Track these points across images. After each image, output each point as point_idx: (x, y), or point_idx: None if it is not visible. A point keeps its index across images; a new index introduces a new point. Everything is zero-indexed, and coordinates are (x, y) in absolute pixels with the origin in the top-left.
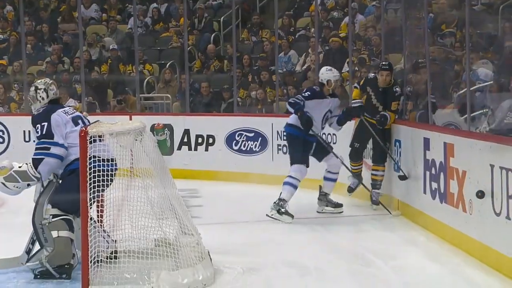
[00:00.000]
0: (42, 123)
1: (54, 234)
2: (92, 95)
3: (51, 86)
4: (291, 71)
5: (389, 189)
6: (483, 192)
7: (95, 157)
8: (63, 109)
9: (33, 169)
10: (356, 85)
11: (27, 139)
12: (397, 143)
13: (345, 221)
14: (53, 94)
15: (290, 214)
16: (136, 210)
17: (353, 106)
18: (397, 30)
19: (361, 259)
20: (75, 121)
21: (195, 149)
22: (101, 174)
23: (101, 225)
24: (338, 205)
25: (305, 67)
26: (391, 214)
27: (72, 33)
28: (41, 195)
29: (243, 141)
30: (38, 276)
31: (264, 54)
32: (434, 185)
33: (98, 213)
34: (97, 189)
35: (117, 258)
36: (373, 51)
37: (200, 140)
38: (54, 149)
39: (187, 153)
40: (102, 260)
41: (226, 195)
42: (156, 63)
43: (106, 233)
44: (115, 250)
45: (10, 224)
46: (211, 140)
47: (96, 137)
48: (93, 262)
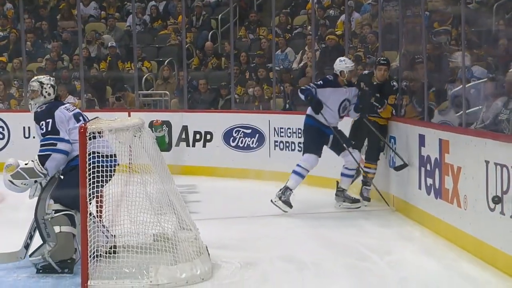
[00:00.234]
0: (47, 120)
1: (57, 229)
2: (91, 92)
3: (53, 83)
4: (288, 68)
5: (385, 185)
6: (499, 197)
7: (97, 152)
8: (64, 106)
9: (40, 166)
10: None
11: (26, 135)
12: (392, 140)
13: (341, 216)
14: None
15: (289, 204)
16: (135, 206)
17: (367, 91)
18: (393, 28)
19: (357, 254)
20: (76, 118)
21: (193, 146)
22: (103, 169)
23: (100, 220)
24: (355, 200)
25: (301, 64)
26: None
27: (71, 31)
28: (43, 191)
29: (240, 137)
30: (41, 271)
31: (261, 51)
32: (429, 181)
33: (98, 208)
34: (98, 184)
35: (116, 253)
36: (369, 49)
37: (198, 136)
38: (61, 145)
39: (185, 149)
40: (101, 254)
41: (224, 190)
42: (154, 60)
43: (105, 228)
44: (114, 245)
45: (10, 220)
46: (209, 137)
47: (96, 134)
48: (92, 256)
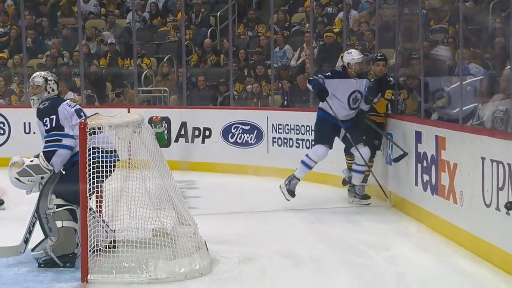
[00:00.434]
0: (51, 116)
1: (59, 224)
2: (91, 88)
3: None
4: (286, 65)
5: (382, 182)
6: (511, 202)
7: (98, 148)
8: (66, 102)
9: (45, 162)
10: None
11: (27, 131)
12: (389, 136)
13: (339, 212)
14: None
15: (292, 193)
16: (134, 201)
17: (377, 81)
18: (390, 26)
19: (354, 250)
20: (78, 114)
21: (192, 142)
22: (103, 165)
23: (100, 215)
24: (364, 196)
25: (299, 61)
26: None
27: (72, 27)
28: (45, 185)
29: (239, 133)
30: (42, 265)
31: (260, 48)
32: (426, 177)
33: (98, 203)
34: (98, 179)
35: (115, 247)
36: (366, 46)
37: (197, 132)
38: (66, 141)
39: (184, 145)
40: (101, 249)
41: (223, 186)
42: (154, 57)
43: (105, 223)
44: (113, 239)
45: (11, 215)
46: (207, 133)
47: (96, 129)
48: (92, 251)
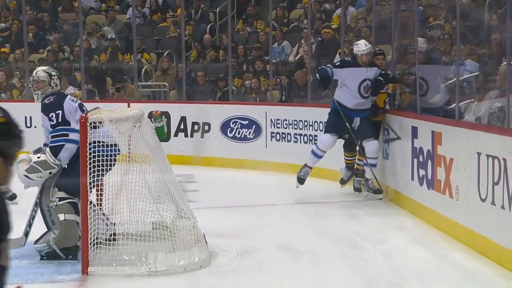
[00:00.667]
0: (56, 111)
1: (61, 217)
2: (92, 82)
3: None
4: (284, 61)
5: (379, 176)
6: None
7: (99, 142)
8: (69, 97)
9: (52, 157)
10: None
11: (28, 125)
12: (386, 132)
13: (336, 206)
14: None
15: (301, 181)
16: (134, 194)
17: (385, 74)
18: (387, 22)
19: (351, 243)
20: (81, 108)
21: (191, 136)
22: (104, 158)
23: (100, 208)
24: (377, 191)
25: (298, 57)
26: (381, 193)
27: (72, 23)
28: (47, 178)
29: (237, 128)
30: (45, 257)
31: (259, 44)
32: (422, 172)
33: (98, 197)
34: (99, 173)
35: (115, 240)
36: None
37: (196, 127)
38: (72, 135)
39: (184, 140)
40: (101, 242)
41: (221, 180)
42: (153, 52)
43: (105, 216)
44: (114, 232)
45: (11, 208)
46: (206, 127)
47: (97, 123)
48: (92, 244)
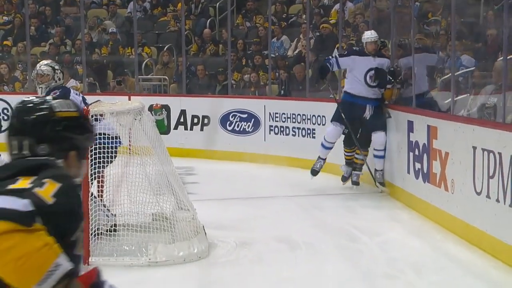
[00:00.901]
0: None
1: None
2: (93, 76)
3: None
4: (283, 55)
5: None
6: None
7: (101, 134)
8: (73, 91)
9: None
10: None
11: None
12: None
13: (333, 199)
14: None
15: (314, 173)
16: (134, 186)
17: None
18: (385, 18)
19: (348, 235)
20: (84, 102)
21: (191, 129)
22: (106, 150)
23: (101, 200)
24: (383, 184)
25: (296, 52)
26: (378, 187)
27: (74, 16)
28: None
29: (236, 121)
30: None
31: (258, 39)
32: (418, 165)
33: (99, 188)
34: (101, 165)
35: (116, 231)
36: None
37: (195, 120)
38: None
39: (183, 133)
40: (102, 233)
41: (221, 173)
42: (154, 46)
43: (106, 207)
44: (114, 223)
45: None
46: (206, 121)
47: (98, 116)
48: (93, 234)
